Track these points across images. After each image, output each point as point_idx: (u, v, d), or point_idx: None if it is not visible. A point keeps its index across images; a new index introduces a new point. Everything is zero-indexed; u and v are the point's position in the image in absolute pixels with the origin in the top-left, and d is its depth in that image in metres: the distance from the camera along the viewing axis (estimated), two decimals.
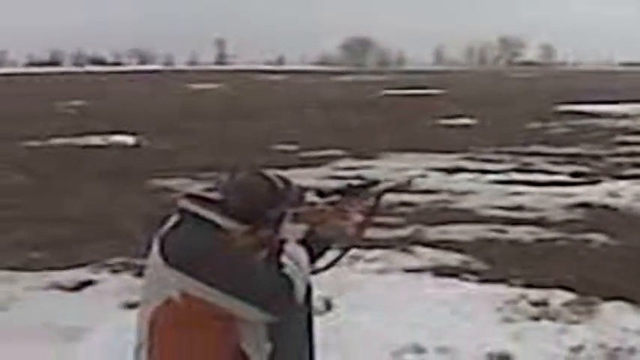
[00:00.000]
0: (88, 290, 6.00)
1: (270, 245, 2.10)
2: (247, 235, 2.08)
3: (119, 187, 11.05)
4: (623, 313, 5.22)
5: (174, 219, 2.12)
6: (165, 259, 2.01)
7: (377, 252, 6.73)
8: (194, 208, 2.10)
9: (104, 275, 6.35)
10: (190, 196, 2.14)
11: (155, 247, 2.06)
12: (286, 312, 2.03)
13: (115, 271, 6.44)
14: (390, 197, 2.40)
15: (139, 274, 6.06)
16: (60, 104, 31.61)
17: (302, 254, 2.10)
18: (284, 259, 2.05)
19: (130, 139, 17.73)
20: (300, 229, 2.16)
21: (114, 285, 6.04)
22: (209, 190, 2.16)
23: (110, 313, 5.28)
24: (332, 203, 2.26)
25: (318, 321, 2.41)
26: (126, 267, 6.52)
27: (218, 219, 2.08)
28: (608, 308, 5.31)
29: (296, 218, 2.17)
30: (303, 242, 2.14)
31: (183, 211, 2.11)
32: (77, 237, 7.75)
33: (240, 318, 1.99)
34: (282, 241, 2.11)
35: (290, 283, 2.00)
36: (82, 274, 6.36)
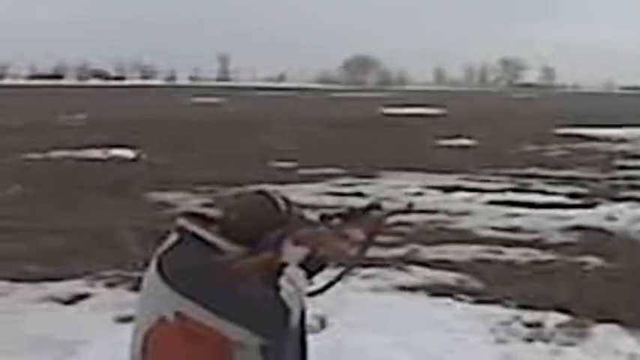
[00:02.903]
0: (84, 303, 6.00)
1: (269, 268, 2.10)
2: (246, 257, 2.08)
3: (117, 201, 11.07)
4: (616, 335, 5.24)
5: (173, 238, 2.12)
6: (162, 277, 2.02)
7: (373, 270, 6.75)
8: (193, 228, 2.10)
9: (100, 288, 6.36)
10: (189, 215, 2.14)
11: (153, 265, 2.07)
12: (280, 336, 2.04)
13: (110, 285, 6.46)
14: (388, 205, 2.42)
15: (135, 288, 6.08)
16: (61, 117, 31.71)
17: (300, 277, 2.09)
18: (282, 281, 2.05)
19: (129, 153, 17.78)
20: (301, 252, 2.14)
21: (109, 298, 6.05)
22: (208, 205, 2.17)
23: (105, 327, 5.29)
24: (333, 227, 2.25)
25: (312, 339, 2.42)
26: (122, 280, 6.53)
27: (217, 240, 2.08)
28: (602, 331, 5.33)
29: (297, 241, 2.16)
30: (301, 264, 2.13)
31: (182, 230, 2.11)
32: (74, 249, 7.76)
33: (233, 340, 1.99)
34: (283, 264, 2.10)
35: (285, 308, 2.00)
36: (77, 286, 6.37)
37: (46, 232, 8.61)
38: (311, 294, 2.26)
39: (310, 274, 2.18)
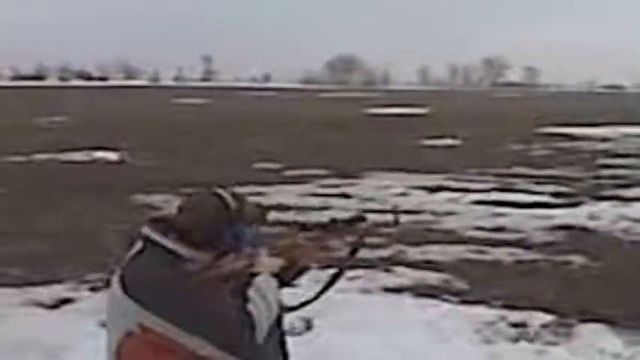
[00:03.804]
0: (67, 308, 5.95)
1: (238, 278, 2.02)
2: (212, 266, 2.01)
3: (101, 203, 11.00)
4: (601, 335, 5.28)
5: (137, 246, 2.05)
6: (125, 290, 1.95)
7: (359, 272, 6.75)
8: (155, 236, 2.03)
9: (83, 293, 6.31)
10: (153, 221, 2.07)
11: (115, 277, 2.01)
12: (245, 350, 1.96)
13: (94, 289, 6.40)
14: (373, 217, 2.40)
15: None
16: (44, 119, 31.45)
17: (271, 286, 2.04)
18: (251, 292, 1.98)
19: (113, 155, 17.68)
20: (277, 263, 2.09)
21: (93, 303, 5.99)
22: (179, 209, 2.10)
23: (89, 331, 5.24)
24: (313, 238, 2.20)
25: (298, 341, 2.41)
26: (106, 284, 6.48)
27: (175, 246, 2.01)
28: (586, 330, 5.37)
29: (273, 252, 2.12)
30: (275, 274, 2.08)
31: (145, 239, 2.04)
32: (58, 253, 7.69)
33: (201, 354, 1.93)
34: (253, 274, 2.04)
35: (251, 321, 1.94)
36: (61, 291, 6.32)
37: (30, 235, 8.53)
38: (302, 304, 2.25)
39: (284, 284, 2.14)
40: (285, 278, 2.12)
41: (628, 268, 7.31)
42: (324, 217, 2.29)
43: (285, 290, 2.15)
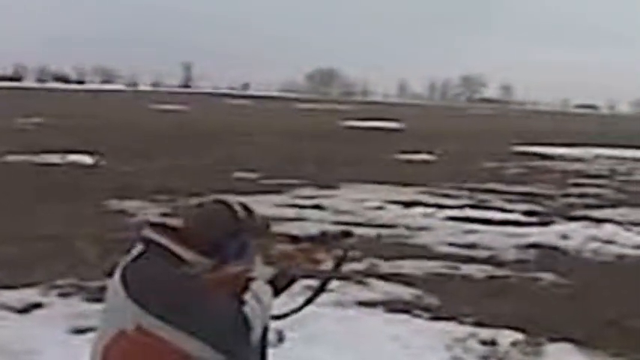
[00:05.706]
0: (37, 313, 5.88)
1: (236, 282, 2.10)
2: (213, 270, 2.08)
3: (74, 207, 10.89)
4: (569, 354, 5.36)
5: (138, 248, 2.10)
6: (125, 289, 2.00)
7: (332, 284, 6.75)
8: (159, 238, 2.08)
9: (53, 298, 6.24)
10: (154, 225, 2.13)
11: (117, 276, 2.05)
12: (240, 352, 2.02)
13: (64, 295, 6.34)
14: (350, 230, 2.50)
15: (89, 299, 6.01)
16: (19, 120, 31.09)
17: (267, 293, 2.11)
18: (247, 296, 2.05)
19: (87, 159, 17.53)
20: (270, 271, 2.18)
21: (63, 308, 5.94)
22: (168, 215, 2.17)
23: (58, 338, 5.19)
24: (305, 250, 2.30)
25: (269, 354, 2.43)
26: (76, 290, 6.42)
27: (181, 251, 2.07)
28: (554, 349, 5.44)
29: (267, 260, 2.21)
30: (269, 281, 2.16)
31: (147, 241, 2.10)
32: (28, 257, 7.59)
33: (194, 356, 1.98)
34: (249, 279, 2.11)
35: (247, 324, 1.99)
36: (30, 296, 6.24)
37: (0, 238, 8.42)
38: (287, 314, 2.35)
39: (277, 292, 2.21)
40: (278, 286, 2.20)
41: (597, 288, 7.43)
42: (300, 228, 2.38)
43: None
